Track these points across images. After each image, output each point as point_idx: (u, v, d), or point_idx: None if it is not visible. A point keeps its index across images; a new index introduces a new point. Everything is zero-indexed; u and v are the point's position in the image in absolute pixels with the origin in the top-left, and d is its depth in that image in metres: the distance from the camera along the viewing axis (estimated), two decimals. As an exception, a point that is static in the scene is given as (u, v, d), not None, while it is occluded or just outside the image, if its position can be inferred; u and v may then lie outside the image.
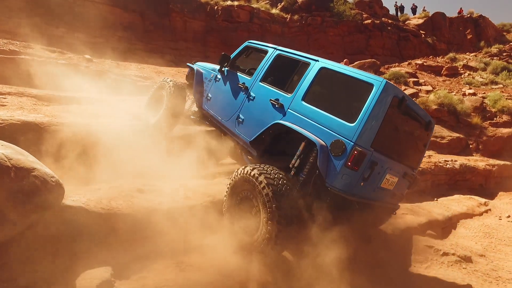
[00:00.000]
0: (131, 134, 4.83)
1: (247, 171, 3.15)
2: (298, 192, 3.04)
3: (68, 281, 2.39)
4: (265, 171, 3.05)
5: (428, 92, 12.43)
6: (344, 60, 10.98)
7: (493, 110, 11.29)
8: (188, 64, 5.47)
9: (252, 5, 20.98)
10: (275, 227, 2.85)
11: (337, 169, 2.92)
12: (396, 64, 16.75)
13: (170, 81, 4.94)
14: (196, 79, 4.92)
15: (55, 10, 13.03)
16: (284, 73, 3.74)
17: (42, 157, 3.46)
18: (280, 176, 3.01)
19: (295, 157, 3.19)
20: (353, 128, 2.93)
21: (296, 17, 21.52)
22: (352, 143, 2.89)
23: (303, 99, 3.37)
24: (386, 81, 2.98)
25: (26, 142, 3.50)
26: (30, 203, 2.40)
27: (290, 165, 3.21)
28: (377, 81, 2.99)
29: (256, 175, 3.04)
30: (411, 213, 5.34)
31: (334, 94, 3.36)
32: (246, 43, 4.47)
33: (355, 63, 14.22)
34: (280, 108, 3.49)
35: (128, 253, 2.80)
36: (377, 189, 3.27)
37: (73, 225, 2.62)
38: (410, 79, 13.51)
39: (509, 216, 6.41)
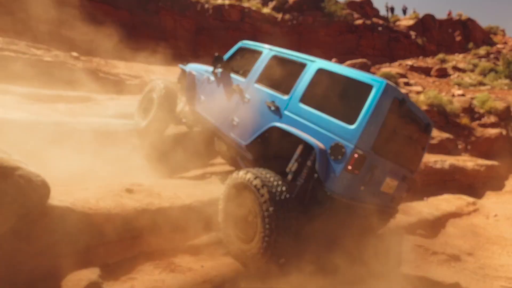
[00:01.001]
0: (120, 134, 4.79)
1: (249, 178, 3.00)
2: (297, 202, 2.95)
3: (54, 282, 2.35)
4: (268, 183, 2.90)
5: (418, 92, 12.64)
6: (333, 60, 11.06)
7: (481, 111, 11.54)
8: (180, 66, 5.40)
9: (243, 4, 20.97)
10: (272, 245, 2.78)
11: (337, 173, 2.85)
12: (387, 64, 16.99)
13: (161, 83, 4.87)
14: (188, 81, 4.83)
15: (41, 6, 12.80)
16: (280, 74, 3.67)
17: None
18: (284, 190, 2.87)
19: (293, 161, 3.13)
20: (353, 130, 2.87)
21: (287, 16, 21.60)
22: (352, 146, 2.82)
23: (300, 101, 3.30)
24: (386, 82, 2.93)
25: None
26: (15, 203, 2.35)
27: (288, 170, 3.14)
28: (377, 82, 2.93)
29: (259, 187, 2.90)
30: (402, 213, 5.41)
31: (333, 95, 3.27)
32: (240, 43, 4.38)
33: (346, 62, 14.36)
34: (276, 111, 3.43)
35: (116, 253, 2.76)
36: (377, 193, 3.23)
37: (60, 226, 2.58)
38: (401, 80, 13.72)
39: (496, 215, 6.56)
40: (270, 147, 3.55)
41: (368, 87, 2.95)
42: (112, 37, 11.60)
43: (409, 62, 16.89)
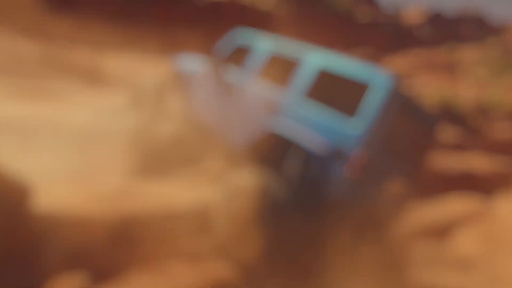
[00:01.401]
0: (108, 133, 4.78)
1: (248, 181, 3.02)
2: (298, 206, 3.00)
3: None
4: (268, 186, 2.94)
5: (426, 89, 12.67)
6: (335, 50, 11.08)
7: (493, 107, 11.59)
8: (173, 60, 5.39)
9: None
10: (272, 250, 2.83)
11: (338, 175, 2.87)
12: (393, 59, 17.02)
13: (154, 79, 4.88)
14: (182, 77, 4.84)
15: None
16: (279, 69, 3.66)
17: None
18: (284, 193, 2.93)
19: (292, 163, 3.15)
20: (355, 130, 2.88)
21: (287, 9, 21.63)
22: (354, 147, 2.84)
23: (300, 99, 3.31)
24: (392, 78, 2.93)
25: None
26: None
27: (287, 171, 3.17)
28: (380, 80, 2.92)
29: (258, 190, 2.93)
30: (408, 215, 5.42)
31: (335, 92, 3.26)
32: (235, 34, 4.38)
33: (350, 56, 14.38)
34: (275, 110, 3.43)
35: (107, 258, 2.78)
36: (381, 195, 3.26)
37: (46, 230, 2.59)
38: (407, 75, 13.75)
39: (509, 218, 6.58)
40: (269, 148, 3.57)
41: (371, 85, 2.95)
42: (103, 29, 11.59)
43: (417, 56, 16.93)
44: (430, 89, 12.47)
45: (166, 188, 3.90)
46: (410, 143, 3.53)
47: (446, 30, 26.30)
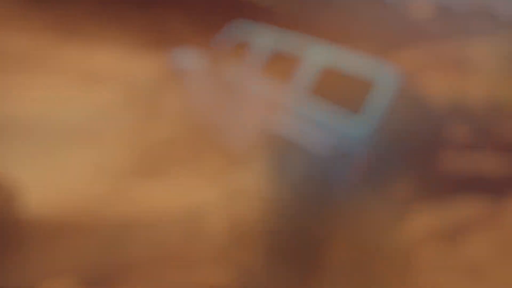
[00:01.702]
0: (101, 132, 4.79)
1: (248, 183, 3.09)
2: (301, 208, 3.02)
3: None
4: (269, 188, 2.99)
5: (434, 86, 12.67)
6: (340, 45, 11.07)
7: (506, 106, 11.58)
8: (169, 55, 5.41)
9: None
10: (275, 256, 2.84)
11: (343, 176, 2.91)
12: (400, 54, 17.03)
13: (150, 75, 4.90)
14: (178, 73, 4.86)
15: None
16: (280, 65, 3.71)
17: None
18: (287, 196, 2.96)
19: (294, 163, 3.17)
20: (361, 130, 2.91)
21: (288, 1, 21.62)
22: (360, 147, 2.88)
23: (303, 96, 3.34)
24: (399, 75, 2.97)
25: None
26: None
27: (288, 172, 3.19)
28: (388, 76, 2.96)
29: (259, 193, 2.98)
30: (416, 217, 5.42)
31: (339, 89, 3.31)
32: (235, 28, 4.41)
33: (354, 50, 14.39)
34: (277, 108, 3.46)
35: (100, 263, 2.78)
36: (387, 196, 3.29)
37: (34, 234, 2.59)
38: (415, 72, 13.77)
39: (521, 222, 6.58)
40: (270, 148, 3.56)
41: (377, 82, 2.98)
42: (92, 22, 11.55)
43: (426, 50, 16.96)
44: (438, 86, 12.46)
45: (162, 190, 3.90)
46: (417, 143, 3.54)
47: (456, 25, 26.35)
